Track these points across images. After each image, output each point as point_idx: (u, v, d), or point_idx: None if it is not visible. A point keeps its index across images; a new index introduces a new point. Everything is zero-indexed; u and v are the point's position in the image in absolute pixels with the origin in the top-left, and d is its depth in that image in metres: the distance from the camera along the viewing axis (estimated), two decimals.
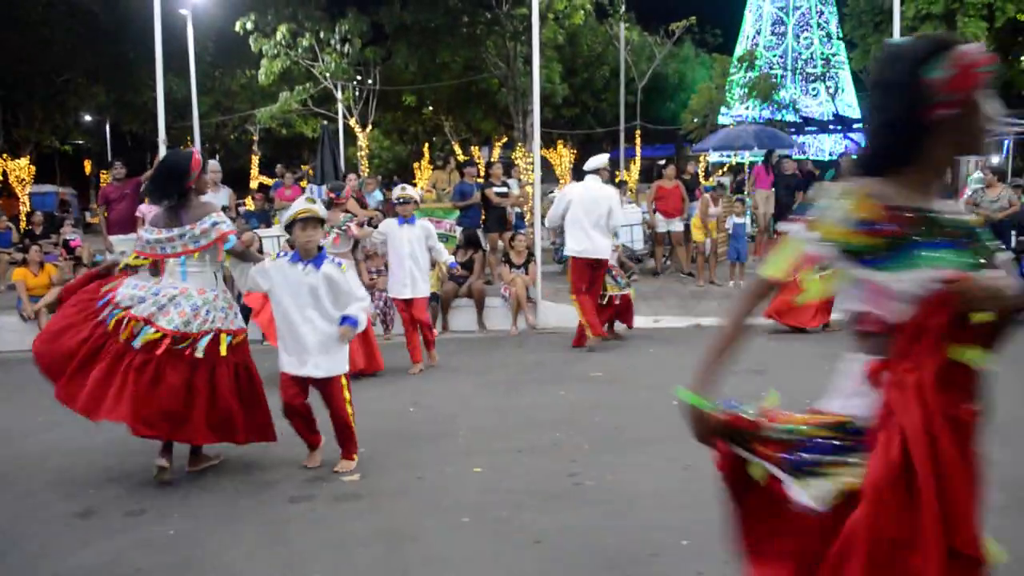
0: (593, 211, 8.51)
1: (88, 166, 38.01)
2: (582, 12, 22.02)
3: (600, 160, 8.86)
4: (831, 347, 8.21)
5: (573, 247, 8.61)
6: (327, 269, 4.84)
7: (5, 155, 25.60)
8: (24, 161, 25.95)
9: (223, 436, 4.85)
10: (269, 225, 12.73)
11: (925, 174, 2.00)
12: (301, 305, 4.82)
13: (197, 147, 14.39)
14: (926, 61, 1.91)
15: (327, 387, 4.91)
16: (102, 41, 22.23)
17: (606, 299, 8.87)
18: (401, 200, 7.77)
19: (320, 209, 5.00)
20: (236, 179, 25.72)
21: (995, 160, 18.13)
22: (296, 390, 4.90)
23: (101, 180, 32.98)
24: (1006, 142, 18.42)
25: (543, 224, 10.95)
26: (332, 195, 8.38)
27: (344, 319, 4.81)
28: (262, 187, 22.43)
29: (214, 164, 10.86)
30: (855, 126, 29.13)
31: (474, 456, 5.16)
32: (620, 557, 3.71)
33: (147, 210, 10.42)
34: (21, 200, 25.27)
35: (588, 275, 8.61)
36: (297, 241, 4.94)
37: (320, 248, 4.95)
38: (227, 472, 5.02)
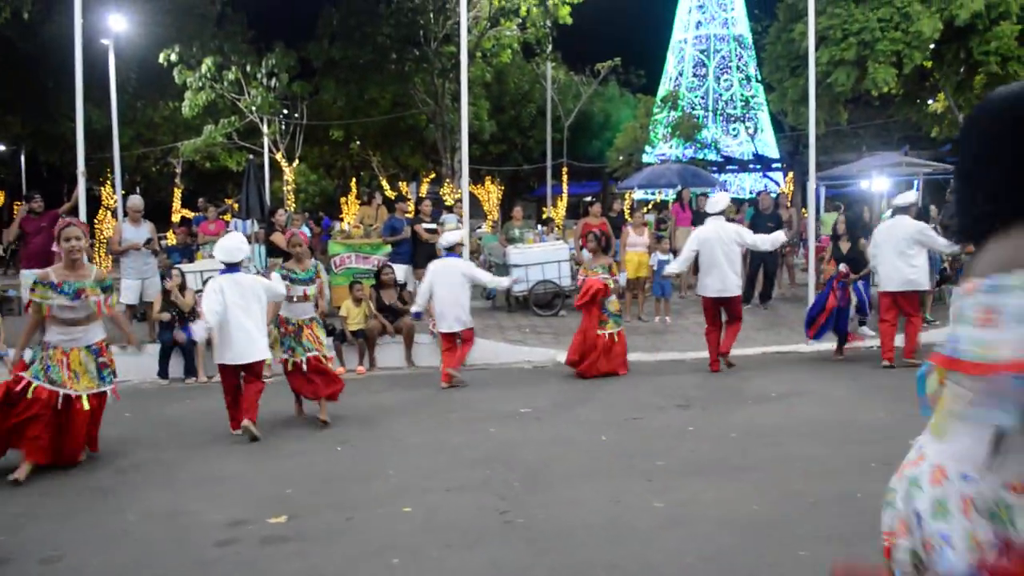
0: (730, 250, 9.10)
1: (1, 198, 36.73)
2: (509, 51, 22.44)
3: (723, 202, 9.52)
4: (754, 381, 8.41)
5: (714, 286, 9.11)
6: None
7: None
8: None
9: None
10: (192, 259, 12.50)
11: None
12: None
13: (118, 180, 14.09)
14: None
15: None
16: (19, 69, 21.59)
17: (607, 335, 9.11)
18: None
19: None
20: (158, 213, 25.17)
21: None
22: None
23: (14, 212, 31.90)
24: (915, 182, 19.16)
25: (473, 258, 10.99)
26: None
27: None
28: (184, 221, 22.03)
29: (136, 200, 10.65)
30: (773, 165, 30.02)
31: (404, 496, 5.12)
32: None
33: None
34: None
35: (717, 311, 9.27)
36: None
37: None
38: (151, 515, 4.89)
